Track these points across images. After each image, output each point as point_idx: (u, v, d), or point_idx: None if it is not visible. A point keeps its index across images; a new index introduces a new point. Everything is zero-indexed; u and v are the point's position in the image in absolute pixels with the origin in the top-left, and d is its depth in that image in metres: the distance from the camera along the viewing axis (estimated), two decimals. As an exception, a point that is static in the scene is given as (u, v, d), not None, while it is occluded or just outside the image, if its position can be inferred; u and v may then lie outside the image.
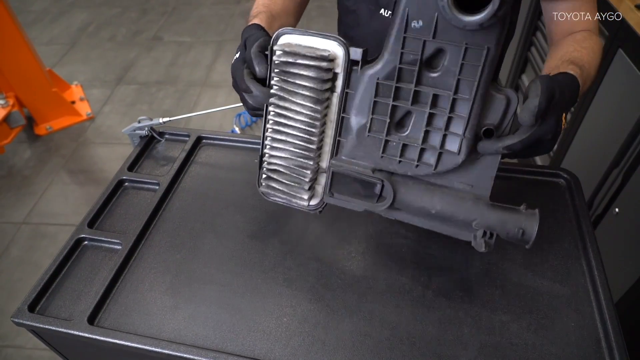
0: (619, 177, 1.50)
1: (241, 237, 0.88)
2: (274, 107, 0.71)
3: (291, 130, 0.72)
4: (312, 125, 0.70)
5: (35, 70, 2.65)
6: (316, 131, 0.71)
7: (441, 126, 0.64)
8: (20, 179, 2.57)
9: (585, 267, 0.81)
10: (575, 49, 0.80)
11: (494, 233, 0.65)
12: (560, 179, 0.96)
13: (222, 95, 3.08)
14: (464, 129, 0.63)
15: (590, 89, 0.80)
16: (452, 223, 0.67)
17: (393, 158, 0.68)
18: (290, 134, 0.72)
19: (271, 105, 0.71)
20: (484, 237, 0.64)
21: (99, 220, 0.92)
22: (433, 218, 0.68)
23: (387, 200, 0.68)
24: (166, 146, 1.09)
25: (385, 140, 0.67)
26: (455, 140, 0.64)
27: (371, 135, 0.68)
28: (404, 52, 0.61)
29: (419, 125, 0.65)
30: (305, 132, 0.71)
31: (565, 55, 0.79)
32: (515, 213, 0.66)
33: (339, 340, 0.72)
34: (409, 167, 0.67)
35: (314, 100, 0.68)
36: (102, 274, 0.82)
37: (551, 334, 0.72)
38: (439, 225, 0.67)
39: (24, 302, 0.77)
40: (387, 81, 0.64)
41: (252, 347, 0.71)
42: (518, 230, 0.65)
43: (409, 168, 0.68)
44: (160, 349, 0.71)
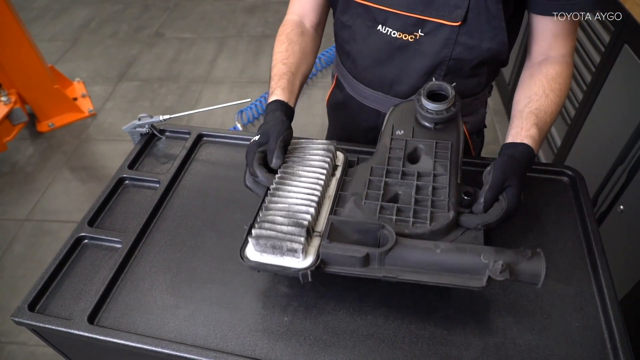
0: (623, 175, 1.49)
1: (242, 235, 0.87)
2: (280, 178, 0.78)
3: (295, 188, 0.76)
4: (315, 187, 0.76)
5: (37, 67, 2.65)
6: (319, 193, 0.75)
7: (428, 194, 0.74)
8: (23, 175, 2.57)
9: (590, 267, 0.80)
10: (541, 96, 0.85)
11: (505, 263, 0.63)
12: (564, 177, 0.95)
13: (224, 92, 3.07)
14: (448, 193, 0.74)
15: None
16: (459, 271, 0.66)
17: (389, 217, 0.72)
18: (294, 192, 0.76)
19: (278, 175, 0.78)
20: (497, 262, 0.63)
21: (99, 218, 0.91)
22: (438, 271, 0.66)
23: (390, 242, 0.66)
24: (167, 144, 1.08)
25: (380, 206, 0.73)
26: (443, 203, 0.73)
27: (368, 202, 0.74)
28: (392, 147, 0.81)
29: (409, 197, 0.75)
30: (310, 190, 0.76)
31: (530, 105, 0.84)
32: (521, 254, 0.65)
33: (340, 339, 0.71)
34: (406, 225, 0.71)
35: (320, 173, 0.78)
36: (102, 272, 0.82)
37: (555, 335, 0.71)
38: (446, 277, 0.66)
39: (24, 301, 0.77)
40: (379, 165, 0.78)
41: (253, 347, 0.71)
42: (527, 274, 0.65)
43: (405, 227, 0.71)
44: (161, 348, 0.70)
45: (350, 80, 1.04)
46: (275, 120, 0.83)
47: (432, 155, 0.79)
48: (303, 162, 0.80)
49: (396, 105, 0.89)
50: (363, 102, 1.05)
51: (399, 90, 0.97)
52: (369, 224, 0.70)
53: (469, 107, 1.01)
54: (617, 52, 1.52)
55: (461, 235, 0.72)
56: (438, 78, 0.93)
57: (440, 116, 0.81)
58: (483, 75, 0.96)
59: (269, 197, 0.75)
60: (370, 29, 0.93)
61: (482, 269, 0.64)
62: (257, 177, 0.79)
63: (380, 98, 1.01)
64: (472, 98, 1.00)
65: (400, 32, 0.89)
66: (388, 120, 0.86)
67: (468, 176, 0.93)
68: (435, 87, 0.83)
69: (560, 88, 0.87)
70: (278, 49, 0.98)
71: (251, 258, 0.70)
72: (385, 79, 0.97)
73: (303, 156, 0.82)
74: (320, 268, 0.68)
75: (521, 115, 0.84)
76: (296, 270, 0.67)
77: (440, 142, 0.80)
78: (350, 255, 0.66)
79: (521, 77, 0.92)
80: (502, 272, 0.62)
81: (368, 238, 0.70)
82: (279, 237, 0.68)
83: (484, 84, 0.99)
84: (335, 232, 0.70)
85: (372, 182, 0.77)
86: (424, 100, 0.81)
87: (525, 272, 0.64)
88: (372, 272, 0.67)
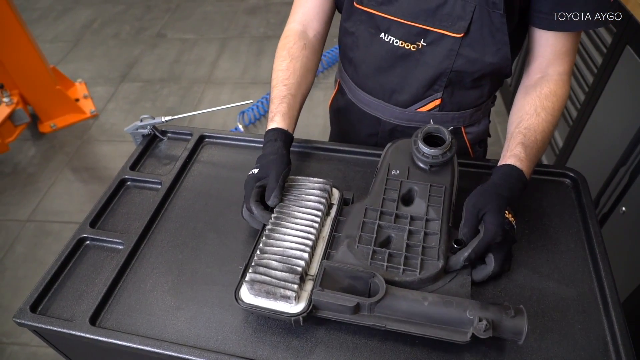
0: (625, 176, 1.49)
1: (244, 236, 0.87)
2: (276, 218, 0.79)
3: (291, 230, 0.78)
4: (310, 231, 0.78)
5: (39, 67, 2.65)
6: (313, 237, 0.77)
7: (420, 240, 0.76)
8: (25, 176, 2.58)
9: (592, 269, 0.80)
10: (532, 114, 0.85)
11: (489, 320, 0.66)
12: (566, 179, 0.95)
13: (226, 93, 3.08)
14: (439, 241, 0.76)
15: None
16: (445, 324, 0.68)
17: (380, 263, 0.74)
18: (289, 234, 0.77)
19: (274, 216, 0.80)
20: (481, 322, 0.65)
21: (101, 219, 0.92)
22: (425, 321, 0.69)
23: (380, 293, 0.68)
24: (168, 145, 1.08)
25: (373, 250, 0.75)
26: (433, 250, 0.75)
27: (360, 246, 0.76)
28: (387, 188, 0.83)
29: (400, 241, 0.77)
30: (305, 234, 0.77)
31: (520, 125, 0.84)
32: (504, 312, 0.67)
33: (342, 341, 0.71)
34: (396, 272, 0.73)
35: (316, 215, 0.80)
36: (104, 274, 0.82)
37: (557, 337, 0.71)
38: (432, 329, 0.68)
39: (26, 302, 0.77)
40: (373, 207, 0.80)
41: (255, 349, 0.71)
42: (510, 332, 0.67)
43: (395, 274, 0.73)
44: (163, 350, 0.70)
45: (352, 86, 1.04)
46: (275, 153, 0.84)
47: (425, 199, 0.81)
48: (299, 202, 0.82)
49: (393, 143, 0.90)
50: (364, 109, 1.04)
51: (400, 99, 0.97)
52: (360, 271, 0.72)
53: (470, 118, 1.01)
54: (619, 54, 1.52)
55: (449, 282, 0.75)
56: (439, 89, 0.93)
57: (436, 160, 0.82)
58: (485, 87, 0.95)
59: (264, 239, 0.77)
60: (373, 37, 0.92)
61: (467, 324, 0.67)
62: (253, 214, 0.81)
63: (381, 106, 1.00)
64: (474, 109, 0.99)
65: (403, 41, 0.89)
66: (384, 158, 0.88)
67: (469, 177, 0.93)
68: (432, 130, 0.83)
69: (553, 107, 0.85)
70: (279, 67, 0.97)
71: (245, 300, 0.71)
72: (386, 87, 0.97)
73: (299, 195, 0.83)
74: (312, 313, 0.70)
75: (511, 136, 0.85)
76: (288, 315, 0.69)
77: (434, 186, 0.82)
78: (341, 304, 0.68)
79: (516, 96, 0.92)
80: (485, 331, 0.65)
81: (359, 284, 0.73)
82: (272, 283, 0.70)
83: (486, 96, 0.98)
84: (328, 277, 0.72)
85: (365, 225, 0.79)
86: (421, 144, 0.82)
87: (508, 330, 0.66)
88: (362, 319, 0.69)
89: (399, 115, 0.99)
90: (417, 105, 0.96)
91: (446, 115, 0.98)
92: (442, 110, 0.97)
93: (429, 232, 0.78)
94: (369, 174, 0.96)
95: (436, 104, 0.95)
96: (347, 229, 0.79)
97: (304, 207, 0.81)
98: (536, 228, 0.87)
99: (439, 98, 0.94)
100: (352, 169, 0.99)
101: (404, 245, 0.76)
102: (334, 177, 0.97)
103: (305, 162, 1.01)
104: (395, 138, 1.00)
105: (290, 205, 0.81)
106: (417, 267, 0.73)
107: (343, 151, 1.02)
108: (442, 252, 0.75)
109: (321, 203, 0.81)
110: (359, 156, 1.01)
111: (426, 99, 0.95)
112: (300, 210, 0.80)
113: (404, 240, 0.77)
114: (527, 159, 0.80)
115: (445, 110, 0.97)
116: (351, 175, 0.98)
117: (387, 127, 1.03)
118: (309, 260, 0.75)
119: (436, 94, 0.94)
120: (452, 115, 0.98)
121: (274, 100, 0.93)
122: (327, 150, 1.03)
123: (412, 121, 0.99)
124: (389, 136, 1.04)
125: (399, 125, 1.01)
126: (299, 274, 0.71)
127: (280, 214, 0.80)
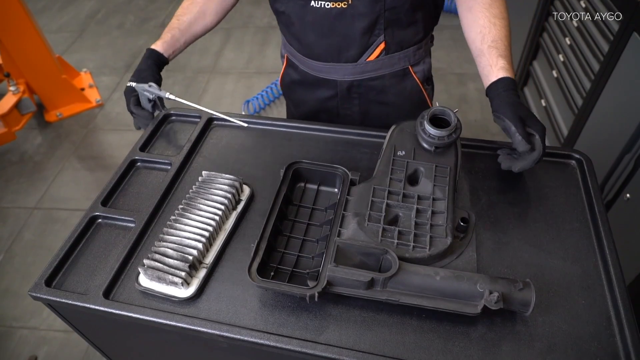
0: (630, 163, 1.49)
1: (253, 216, 0.89)
2: (182, 209, 0.84)
3: (191, 222, 0.82)
4: (210, 223, 0.82)
5: (45, 57, 2.66)
6: (212, 229, 0.81)
7: (427, 218, 0.78)
8: (32, 165, 2.60)
9: (597, 247, 0.81)
10: (490, 27, 0.93)
11: (499, 292, 0.67)
12: (571, 160, 0.96)
13: (231, 82, 3.08)
14: (446, 219, 0.78)
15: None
16: (456, 297, 0.70)
17: (390, 241, 0.75)
18: (190, 225, 0.82)
19: (182, 204, 0.85)
20: (492, 294, 0.67)
21: (112, 198, 0.93)
22: (437, 295, 0.70)
23: (394, 268, 0.70)
24: (178, 127, 1.10)
25: (382, 228, 0.76)
26: (441, 228, 0.77)
27: (370, 224, 0.77)
28: (393, 168, 0.84)
29: (408, 220, 0.79)
30: (204, 225, 0.81)
31: (486, 39, 0.93)
32: (513, 285, 0.69)
33: (350, 315, 0.73)
34: (406, 249, 0.74)
35: (218, 208, 0.84)
36: (116, 250, 0.83)
37: (562, 311, 0.73)
38: (444, 302, 0.70)
39: (41, 276, 0.79)
40: (381, 186, 0.81)
41: (265, 322, 0.72)
42: (518, 303, 0.69)
43: (406, 250, 0.74)
44: (175, 322, 0.72)
45: (301, 58, 1.09)
46: (147, 68, 1.03)
47: (431, 179, 0.82)
48: (206, 196, 0.86)
49: (397, 125, 0.91)
50: (318, 75, 1.09)
51: (349, 55, 1.03)
52: (373, 248, 0.73)
53: (415, 57, 1.07)
54: (626, 41, 1.51)
55: (456, 259, 0.77)
56: (380, 33, 0.99)
57: (441, 141, 0.84)
58: (420, 23, 1.02)
59: (165, 228, 0.81)
60: (304, 8, 0.97)
61: (478, 297, 0.69)
62: (135, 114, 1.04)
63: (333, 68, 1.06)
64: (415, 47, 1.06)
65: (332, 2, 0.94)
66: (390, 139, 0.89)
67: (471, 158, 0.94)
68: (438, 112, 0.85)
69: (500, 12, 0.94)
70: (182, 5, 1.13)
71: (142, 284, 0.77)
72: (333, 49, 1.03)
73: (208, 189, 0.87)
74: (326, 289, 0.71)
75: (483, 53, 0.93)
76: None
77: (439, 166, 0.84)
78: (356, 280, 0.70)
79: (461, 14, 0.99)
80: (496, 302, 0.67)
81: (371, 260, 0.74)
82: (164, 270, 0.75)
83: (423, 32, 1.05)
84: (340, 254, 0.74)
85: (374, 204, 0.80)
86: (427, 125, 0.83)
87: (516, 302, 0.68)
88: (375, 294, 0.71)
89: (352, 71, 1.06)
90: (366, 55, 1.03)
91: (393, 58, 1.05)
92: (388, 54, 1.04)
93: (436, 210, 0.79)
94: (374, 155, 0.97)
95: (382, 48, 1.02)
96: (356, 208, 0.80)
97: (209, 200, 0.85)
98: (541, 207, 0.88)
99: (383, 41, 1.01)
100: (358, 150, 1.00)
101: (413, 223, 0.78)
102: (339, 158, 0.98)
103: (310, 145, 1.02)
104: (353, 94, 1.11)
105: (198, 198, 0.86)
106: (427, 244, 0.75)
107: (348, 133, 1.03)
108: (450, 229, 0.77)
109: (226, 198, 0.85)
110: (364, 138, 1.02)
111: (372, 47, 1.02)
112: (205, 203, 0.85)
113: (412, 219, 0.78)
114: (510, 67, 0.90)
115: (391, 53, 1.04)
116: (357, 156, 0.99)
117: (344, 86, 1.10)
118: (202, 250, 0.79)
119: (379, 38, 1.00)
120: (398, 55, 1.05)
121: (165, 29, 1.11)
122: (332, 132, 1.04)
123: (365, 72, 1.06)
124: (348, 94, 1.11)
125: (354, 81, 1.08)
126: (190, 262, 0.76)
127: (186, 206, 0.85)
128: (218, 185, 0.87)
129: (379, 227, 0.77)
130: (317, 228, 0.85)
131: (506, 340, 0.70)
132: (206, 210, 0.84)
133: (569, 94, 1.94)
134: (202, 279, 0.77)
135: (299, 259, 0.81)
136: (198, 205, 0.84)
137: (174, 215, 0.83)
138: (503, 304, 0.67)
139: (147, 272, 0.75)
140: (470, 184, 0.92)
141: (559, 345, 0.69)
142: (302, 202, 0.89)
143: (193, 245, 0.78)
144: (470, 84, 2.84)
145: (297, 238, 0.83)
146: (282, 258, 0.81)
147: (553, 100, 2.16)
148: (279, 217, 0.82)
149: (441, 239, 0.76)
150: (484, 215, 0.86)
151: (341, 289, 0.71)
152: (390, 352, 0.68)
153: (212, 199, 0.85)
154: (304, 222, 0.86)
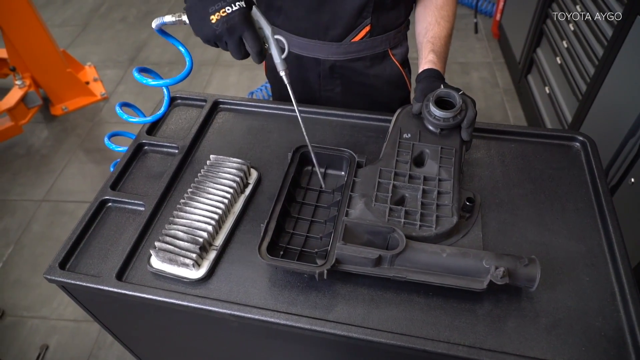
0: (634, 147, 1.49)
1: (261, 198, 0.90)
2: (191, 193, 0.85)
3: (201, 204, 0.83)
4: (219, 206, 0.83)
5: (50, 51, 2.67)
6: (221, 212, 0.82)
7: (434, 198, 0.79)
8: (39, 158, 2.62)
9: (601, 226, 0.82)
10: (435, 24, 1.01)
11: (505, 268, 0.68)
12: (575, 142, 0.97)
13: (234, 75, 3.09)
14: (452, 199, 0.79)
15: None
16: (463, 273, 0.71)
17: (397, 220, 0.76)
18: (199, 208, 0.83)
19: (191, 187, 0.86)
20: (498, 269, 0.68)
21: (121, 182, 0.94)
22: (443, 271, 0.71)
23: (401, 246, 0.71)
24: (184, 111, 1.11)
25: (389, 208, 0.78)
26: (447, 208, 0.78)
27: (377, 205, 0.78)
28: (399, 150, 0.85)
29: (415, 200, 0.80)
30: (214, 208, 0.83)
31: (427, 35, 1.01)
32: (519, 260, 0.70)
33: (358, 294, 0.74)
34: (413, 228, 0.76)
35: (227, 192, 0.85)
36: (127, 233, 0.85)
37: (567, 288, 0.74)
38: (450, 279, 0.71)
39: (55, 260, 0.81)
40: (387, 167, 0.83)
41: (275, 301, 0.74)
42: (523, 279, 0.70)
43: (412, 229, 0.76)
44: (187, 302, 0.74)
45: (285, 35, 1.09)
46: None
47: (437, 160, 0.84)
48: (215, 180, 0.87)
49: (403, 108, 0.93)
50: (301, 53, 1.10)
51: (335, 34, 1.04)
52: (380, 226, 0.75)
53: (394, 40, 1.11)
54: (630, 25, 1.51)
55: (462, 237, 0.78)
56: (367, 16, 1.01)
57: (446, 123, 0.85)
58: (402, 8, 1.06)
59: (177, 212, 0.82)
60: None
61: (484, 273, 0.70)
62: (252, 44, 0.86)
63: (317, 45, 1.07)
64: (395, 31, 1.09)
65: None
66: (395, 122, 0.91)
67: (480, 141, 0.95)
68: (443, 94, 0.86)
69: (448, 14, 1.02)
70: None
71: (154, 265, 0.78)
72: (320, 25, 1.04)
73: (217, 173, 0.89)
74: (335, 267, 0.72)
75: (422, 46, 1.01)
76: (191, 279, 0.76)
77: (445, 148, 0.85)
78: (364, 257, 0.71)
79: (417, 9, 1.08)
80: (502, 278, 0.68)
81: (378, 239, 0.76)
82: (175, 252, 0.77)
83: (403, 16, 1.09)
84: (349, 233, 0.75)
85: (381, 185, 0.81)
86: (432, 107, 0.85)
87: (522, 277, 0.69)
88: (382, 272, 0.72)
89: (336, 51, 1.08)
90: (351, 36, 1.05)
91: (375, 40, 1.08)
92: (372, 36, 1.06)
93: (442, 191, 0.80)
94: (380, 139, 0.98)
95: (367, 30, 1.04)
96: (363, 189, 0.82)
97: (218, 184, 0.86)
98: (546, 188, 0.88)
99: (369, 24, 1.03)
100: (364, 133, 1.01)
101: (419, 203, 0.79)
102: (345, 142, 0.99)
103: (316, 129, 1.03)
104: (335, 74, 1.13)
105: (207, 181, 0.87)
106: (433, 223, 0.76)
107: (354, 117, 1.04)
108: (456, 209, 0.78)
109: (234, 181, 0.86)
110: (370, 122, 1.03)
111: (358, 28, 1.04)
112: (214, 187, 0.86)
113: (418, 199, 0.79)
114: (439, 62, 0.97)
115: (374, 35, 1.06)
116: (363, 140, 1.00)
117: (327, 65, 1.11)
118: (212, 232, 0.80)
119: (365, 21, 1.02)
120: (380, 38, 1.08)
121: None
122: (338, 117, 1.05)
123: (348, 53, 1.08)
124: (330, 74, 1.13)
125: (337, 61, 1.10)
126: (200, 244, 0.77)
127: (195, 189, 0.86)
128: (226, 169, 0.89)
129: (386, 207, 0.78)
130: (325, 210, 0.86)
131: (512, 316, 0.71)
132: (215, 194, 0.85)
133: (573, 80, 1.94)
134: (212, 260, 0.79)
135: (307, 239, 0.82)
136: (207, 189, 0.86)
137: (183, 198, 0.84)
138: (509, 280, 0.68)
139: (158, 254, 0.77)
140: (475, 166, 0.93)
141: (564, 320, 0.70)
142: (310, 185, 0.90)
143: (203, 227, 0.80)
144: (473, 73, 2.83)
145: (305, 219, 0.85)
146: (290, 238, 0.82)
147: (557, 86, 2.16)
148: (287, 199, 0.83)
149: (447, 218, 0.77)
150: (490, 196, 0.87)
151: (350, 267, 0.73)
152: (398, 329, 0.70)
153: (221, 182, 0.86)
154: (311, 204, 0.87)
